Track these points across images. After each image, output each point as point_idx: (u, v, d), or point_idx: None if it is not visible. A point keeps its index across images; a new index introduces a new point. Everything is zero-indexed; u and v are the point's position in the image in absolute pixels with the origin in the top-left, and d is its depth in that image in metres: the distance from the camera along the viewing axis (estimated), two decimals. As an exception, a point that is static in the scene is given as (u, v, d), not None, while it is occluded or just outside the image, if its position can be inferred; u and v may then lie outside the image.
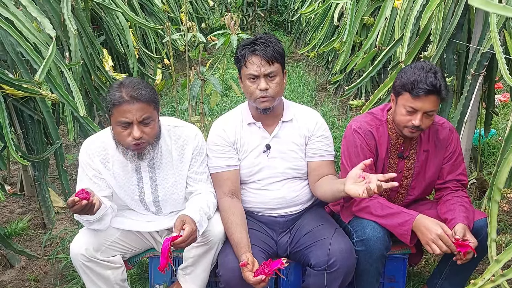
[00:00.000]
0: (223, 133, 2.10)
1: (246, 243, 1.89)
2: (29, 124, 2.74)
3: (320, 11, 5.12)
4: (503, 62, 1.90)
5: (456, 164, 2.11)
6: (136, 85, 1.83)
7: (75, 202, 1.68)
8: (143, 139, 1.85)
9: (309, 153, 2.13)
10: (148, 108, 1.84)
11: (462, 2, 2.47)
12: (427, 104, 1.89)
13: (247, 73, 1.98)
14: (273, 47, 1.97)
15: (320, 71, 7.05)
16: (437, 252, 1.81)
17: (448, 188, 2.11)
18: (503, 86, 5.37)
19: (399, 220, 1.92)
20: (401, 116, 1.96)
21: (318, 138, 2.13)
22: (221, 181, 2.08)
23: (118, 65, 4.31)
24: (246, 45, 2.00)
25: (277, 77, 1.99)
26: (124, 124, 1.82)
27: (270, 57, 1.95)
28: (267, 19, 10.75)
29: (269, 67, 1.96)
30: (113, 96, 1.81)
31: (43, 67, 2.28)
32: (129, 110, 1.80)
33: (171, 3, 6.19)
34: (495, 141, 4.12)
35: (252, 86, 1.99)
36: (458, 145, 2.12)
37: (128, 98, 1.79)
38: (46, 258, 2.70)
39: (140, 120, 1.82)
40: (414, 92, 1.87)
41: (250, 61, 1.97)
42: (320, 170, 2.11)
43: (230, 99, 5.68)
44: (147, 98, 1.82)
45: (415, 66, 1.93)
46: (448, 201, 2.04)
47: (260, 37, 2.02)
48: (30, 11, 2.48)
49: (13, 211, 3.25)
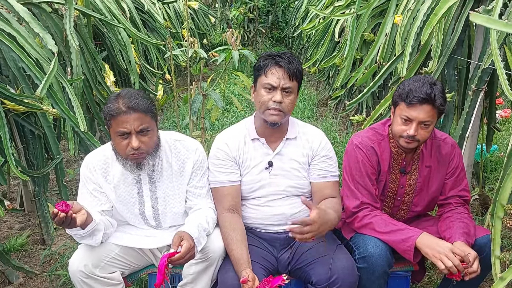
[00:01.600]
0: (225, 148, 2.09)
1: (247, 260, 1.87)
2: (30, 139, 2.74)
3: (320, 27, 5.15)
4: (504, 77, 1.89)
5: (458, 179, 2.10)
6: (133, 96, 1.84)
7: (55, 214, 1.68)
8: (142, 149, 1.87)
9: (312, 173, 2.11)
10: (146, 118, 1.85)
11: (462, 18, 2.48)
12: (422, 114, 1.89)
13: (265, 82, 1.98)
14: (296, 65, 2.00)
15: (321, 86, 7.07)
16: (449, 265, 1.78)
17: (450, 204, 2.09)
18: (504, 102, 5.37)
19: (402, 236, 1.90)
20: (397, 126, 1.98)
21: (321, 158, 2.11)
22: (222, 196, 2.07)
23: (120, 80, 4.33)
24: (270, 55, 2.03)
25: (292, 95, 2.01)
26: (122, 134, 1.84)
27: (292, 72, 1.98)
28: (268, 35, 10.82)
29: (289, 82, 1.98)
30: (111, 107, 1.82)
31: (44, 82, 2.29)
32: (126, 120, 1.81)
33: (173, 19, 6.24)
34: (497, 157, 4.11)
35: (266, 96, 1.98)
36: (460, 161, 2.10)
37: (125, 108, 1.81)
38: (45, 275, 2.68)
39: (138, 130, 1.83)
40: (408, 100, 1.90)
41: (272, 71, 1.98)
42: (323, 191, 2.08)
43: (231, 114, 5.69)
44: (144, 108, 1.84)
45: (414, 78, 1.96)
46: (448, 218, 2.02)
47: (285, 52, 2.05)
48: (33, 27, 2.50)
49: (13, 227, 3.23)
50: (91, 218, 1.84)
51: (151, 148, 1.91)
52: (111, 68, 3.84)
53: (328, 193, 2.08)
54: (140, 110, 1.82)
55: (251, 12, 9.81)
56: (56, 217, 1.69)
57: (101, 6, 3.54)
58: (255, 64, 2.07)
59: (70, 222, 1.73)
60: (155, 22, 5.08)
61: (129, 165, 1.92)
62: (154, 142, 1.92)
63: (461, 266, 1.78)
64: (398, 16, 2.93)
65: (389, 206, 2.15)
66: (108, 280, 1.94)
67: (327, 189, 2.09)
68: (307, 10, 6.91)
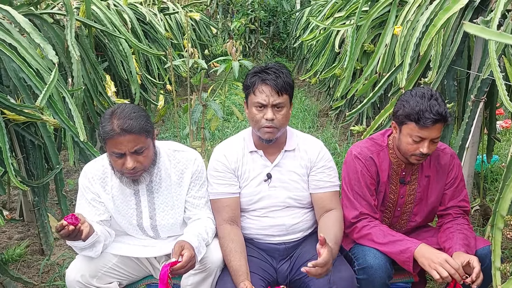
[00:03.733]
0: (224, 160, 2.08)
1: (245, 271, 1.86)
2: (30, 149, 2.74)
3: (321, 38, 5.18)
4: (503, 88, 1.90)
5: (458, 190, 2.09)
6: (127, 116, 1.80)
7: (63, 226, 1.67)
8: (137, 168, 1.86)
9: (312, 184, 2.09)
10: (140, 139, 1.82)
11: (461, 29, 2.49)
12: (434, 132, 1.88)
13: (255, 101, 1.96)
14: (284, 78, 1.95)
15: (321, 97, 7.08)
16: (445, 275, 1.76)
17: (449, 215, 2.08)
18: (505, 112, 5.37)
19: (401, 248, 1.89)
20: (407, 145, 1.94)
21: (320, 169, 2.10)
22: (221, 207, 2.06)
23: (121, 91, 4.35)
24: (256, 72, 1.98)
25: (284, 109, 1.97)
26: (117, 155, 1.83)
27: (280, 88, 1.93)
28: (269, 46, 10.87)
29: (278, 98, 1.94)
30: (105, 128, 1.79)
31: (44, 92, 2.30)
32: (120, 142, 1.79)
33: (175, 30, 6.28)
34: (497, 168, 4.10)
35: (258, 115, 1.96)
36: (459, 171, 2.10)
37: (119, 130, 1.77)
38: (43, 285, 2.66)
39: (132, 151, 1.82)
40: (421, 123, 1.85)
41: (260, 90, 1.95)
42: (323, 202, 2.07)
43: (231, 124, 5.70)
44: (138, 129, 1.80)
45: (415, 94, 1.91)
46: (448, 229, 2.01)
47: (271, 66, 1.99)
48: (34, 38, 2.51)
49: (12, 237, 3.22)
50: (93, 229, 1.83)
51: (147, 165, 1.90)
52: (112, 79, 3.85)
53: (328, 204, 2.06)
54: (134, 132, 1.79)
55: (253, 23, 9.88)
56: (63, 230, 1.68)
57: (103, 17, 3.56)
58: (243, 82, 2.05)
59: (76, 235, 1.72)
60: (157, 33, 5.11)
61: (125, 181, 1.92)
62: (150, 158, 1.91)
63: (457, 275, 1.76)
64: (398, 27, 2.94)
65: (389, 216, 2.14)
66: None
67: (326, 200, 2.07)
68: (308, 21, 6.96)
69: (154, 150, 1.94)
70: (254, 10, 9.83)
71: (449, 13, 2.23)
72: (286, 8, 10.64)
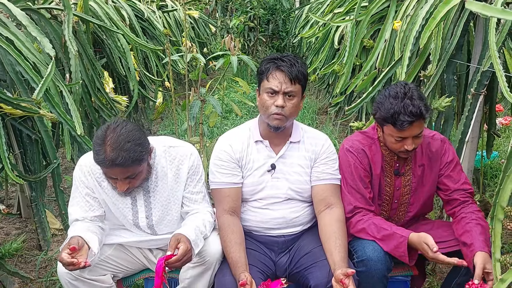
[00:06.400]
0: (229, 149, 2.07)
1: (244, 263, 1.85)
2: (28, 144, 2.72)
3: (320, 34, 5.16)
4: (503, 79, 1.88)
5: (456, 173, 2.06)
6: (121, 147, 1.70)
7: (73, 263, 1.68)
8: (129, 189, 1.85)
9: (314, 176, 2.08)
10: (131, 169, 1.78)
11: (461, 22, 2.47)
12: (414, 131, 1.88)
13: (267, 87, 1.96)
14: (298, 67, 1.95)
15: (321, 94, 7.08)
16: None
17: (456, 200, 2.03)
18: (504, 109, 5.36)
19: (395, 243, 1.88)
20: (392, 144, 1.95)
21: (323, 160, 2.09)
22: (222, 197, 2.04)
23: (119, 87, 4.33)
24: (272, 59, 1.99)
25: (296, 98, 1.97)
26: (110, 178, 1.81)
27: (294, 76, 1.94)
28: (268, 44, 10.85)
29: (290, 86, 1.94)
30: (97, 157, 1.74)
31: (41, 86, 2.28)
32: (112, 172, 1.77)
33: (173, 28, 6.26)
34: (497, 164, 4.09)
35: (269, 101, 1.96)
36: (454, 155, 2.07)
37: (110, 163, 1.72)
38: (40, 280, 2.65)
39: (125, 177, 1.79)
40: (398, 126, 1.85)
41: (273, 76, 1.95)
42: (324, 194, 2.05)
43: (230, 121, 5.69)
44: (130, 161, 1.73)
45: (389, 94, 1.89)
46: (463, 220, 1.95)
47: (287, 54, 2.00)
48: (30, 31, 2.49)
49: (10, 233, 3.20)
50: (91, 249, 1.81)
51: (139, 184, 1.89)
52: (110, 75, 3.84)
53: (328, 197, 2.04)
54: (125, 165, 1.73)
55: (252, 21, 9.86)
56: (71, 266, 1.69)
57: (101, 12, 3.54)
58: (258, 68, 2.05)
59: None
60: (155, 29, 5.09)
61: (117, 191, 1.90)
62: (144, 176, 1.89)
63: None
64: (398, 22, 2.92)
65: (387, 209, 2.13)
66: (97, 282, 1.91)
67: (327, 192, 2.05)
68: (307, 19, 6.94)
69: (148, 167, 1.92)
70: (253, 8, 9.81)
71: (449, 6, 2.21)
72: (285, 6, 10.62)
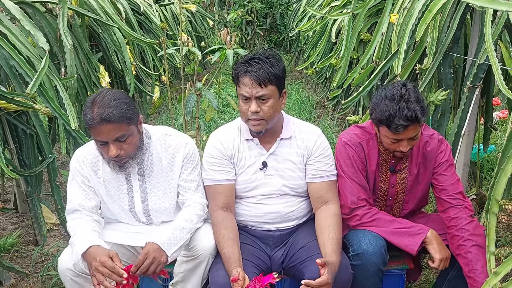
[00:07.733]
0: (220, 146, 2.05)
1: (237, 258, 1.84)
2: (23, 139, 2.71)
3: (318, 28, 5.15)
4: (499, 72, 1.87)
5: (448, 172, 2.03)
6: (107, 104, 1.76)
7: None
8: (121, 156, 1.85)
9: (308, 174, 2.06)
10: (121, 127, 1.79)
11: (457, 15, 2.46)
12: (410, 133, 1.86)
13: (240, 93, 1.93)
14: (268, 69, 1.87)
15: (318, 88, 7.06)
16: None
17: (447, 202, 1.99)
18: (502, 103, 5.36)
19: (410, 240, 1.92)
20: (387, 144, 1.95)
21: (317, 158, 2.06)
22: (215, 194, 2.03)
23: (116, 82, 4.31)
24: (241, 63, 1.93)
25: (271, 100, 1.91)
26: (101, 142, 1.82)
27: (262, 79, 1.86)
28: (266, 38, 10.82)
29: (261, 90, 1.88)
30: (86, 116, 1.78)
31: (35, 80, 2.27)
32: (101, 131, 1.77)
33: (170, 21, 6.22)
34: (494, 157, 4.08)
35: (244, 107, 1.93)
36: (449, 157, 2.05)
37: (98, 120, 1.75)
38: (37, 275, 2.65)
39: (114, 139, 1.80)
40: (392, 129, 1.84)
41: (243, 81, 1.90)
42: (320, 192, 2.04)
43: (227, 116, 5.68)
44: (118, 117, 1.76)
45: (385, 96, 1.86)
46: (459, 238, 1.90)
47: (256, 56, 1.92)
48: (24, 25, 2.48)
49: (6, 228, 3.20)
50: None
51: (132, 152, 1.89)
52: (107, 69, 3.82)
53: (325, 194, 2.03)
54: (113, 121, 1.75)
55: (249, 14, 9.81)
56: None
57: (96, 6, 3.53)
58: (232, 73, 2.01)
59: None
60: (151, 23, 5.07)
61: (112, 167, 1.92)
62: (135, 145, 1.89)
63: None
64: (394, 15, 2.91)
65: (381, 206, 2.12)
66: None
67: (323, 190, 2.04)
68: (305, 12, 6.91)
69: (139, 136, 1.92)
70: (251, 1, 9.76)
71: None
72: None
